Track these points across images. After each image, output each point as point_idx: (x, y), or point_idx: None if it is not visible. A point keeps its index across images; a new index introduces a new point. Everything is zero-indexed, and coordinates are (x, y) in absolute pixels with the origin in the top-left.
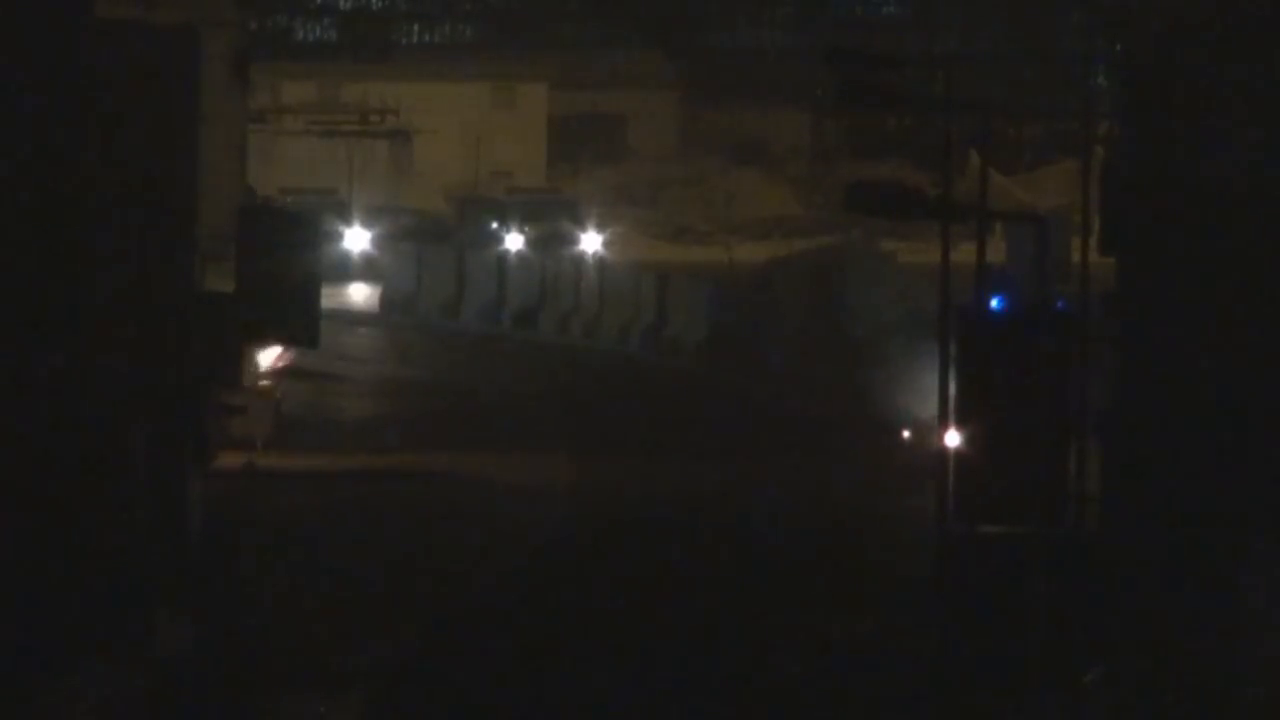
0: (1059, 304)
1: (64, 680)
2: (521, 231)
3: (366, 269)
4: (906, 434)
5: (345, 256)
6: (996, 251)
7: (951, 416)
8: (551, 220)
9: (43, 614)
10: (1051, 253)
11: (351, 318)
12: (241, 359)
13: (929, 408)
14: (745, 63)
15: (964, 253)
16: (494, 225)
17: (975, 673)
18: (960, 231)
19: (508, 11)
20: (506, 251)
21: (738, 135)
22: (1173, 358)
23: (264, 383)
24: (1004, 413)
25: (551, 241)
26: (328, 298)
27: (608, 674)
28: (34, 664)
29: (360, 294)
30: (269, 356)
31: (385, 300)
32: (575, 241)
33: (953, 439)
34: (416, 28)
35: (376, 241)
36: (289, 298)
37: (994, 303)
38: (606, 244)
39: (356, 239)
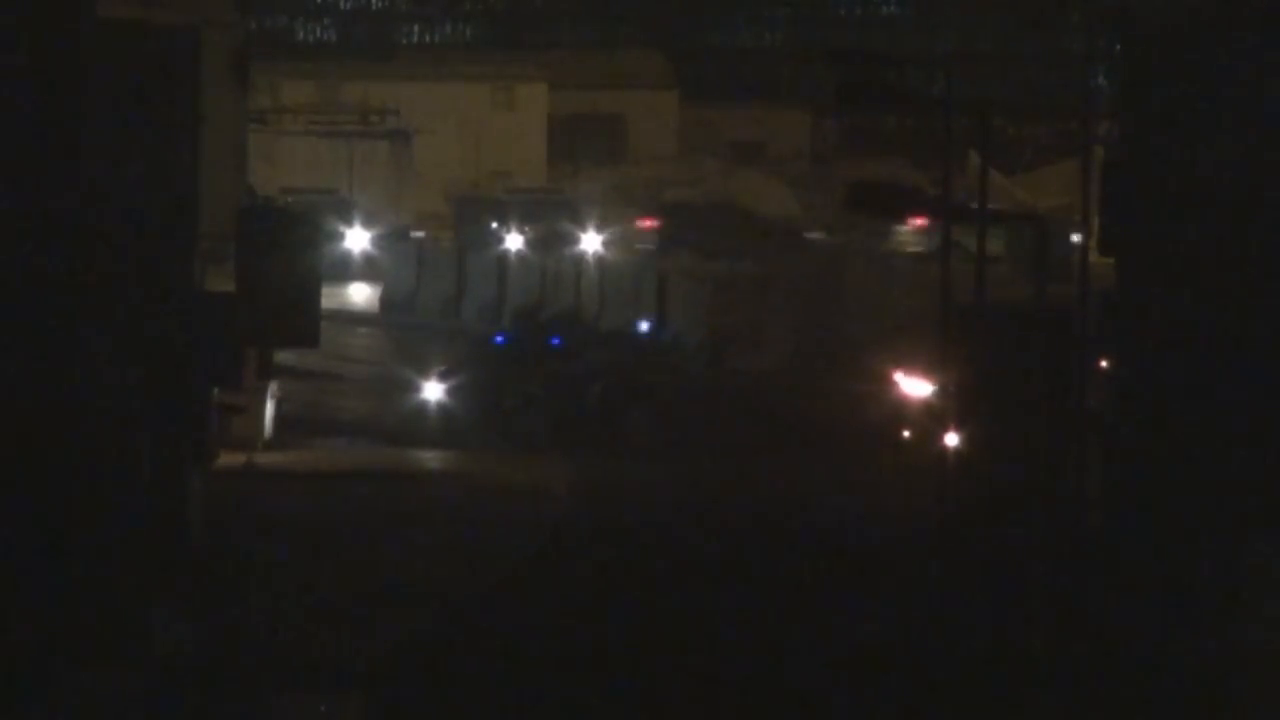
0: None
1: (64, 680)
2: (521, 231)
3: (366, 269)
4: (906, 433)
5: (345, 256)
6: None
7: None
8: (551, 220)
9: (43, 614)
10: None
11: (351, 318)
12: (242, 359)
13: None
14: (745, 63)
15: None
16: (494, 225)
17: (976, 671)
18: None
19: (508, 11)
20: (506, 251)
21: (738, 135)
22: (1172, 357)
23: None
24: (1004, 412)
25: (551, 241)
26: (328, 298)
27: (607, 673)
28: (34, 664)
29: (360, 294)
30: None
31: (385, 300)
32: (575, 241)
33: (952, 439)
34: (416, 28)
35: (376, 241)
36: (289, 298)
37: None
38: (606, 244)
39: (356, 239)
